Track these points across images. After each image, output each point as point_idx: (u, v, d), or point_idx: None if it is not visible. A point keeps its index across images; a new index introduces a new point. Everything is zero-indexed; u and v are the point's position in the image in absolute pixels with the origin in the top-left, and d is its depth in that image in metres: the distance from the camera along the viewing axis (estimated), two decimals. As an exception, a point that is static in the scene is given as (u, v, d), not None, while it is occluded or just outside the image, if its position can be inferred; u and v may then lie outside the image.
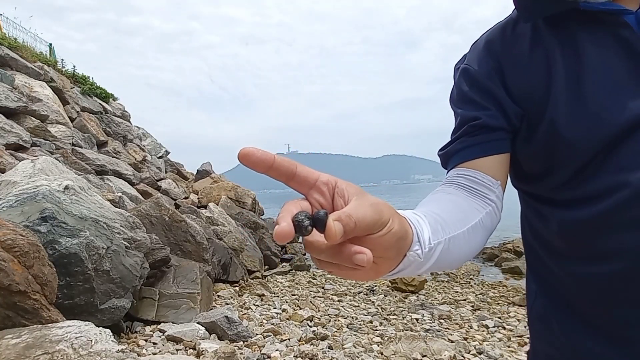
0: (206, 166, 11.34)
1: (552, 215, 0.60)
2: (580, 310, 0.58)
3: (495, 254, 8.65)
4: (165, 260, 4.01)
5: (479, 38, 0.70)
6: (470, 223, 0.56)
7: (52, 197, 2.89)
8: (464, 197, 0.60)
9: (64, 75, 9.40)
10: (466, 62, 0.68)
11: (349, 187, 0.37)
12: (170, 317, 3.49)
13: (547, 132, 0.58)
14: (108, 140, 8.79)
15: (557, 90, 0.57)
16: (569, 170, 0.56)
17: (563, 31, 0.58)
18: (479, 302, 5.24)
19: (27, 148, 5.61)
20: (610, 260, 0.52)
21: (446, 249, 0.49)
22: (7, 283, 2.02)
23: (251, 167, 0.33)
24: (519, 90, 0.61)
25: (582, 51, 0.56)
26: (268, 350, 3.09)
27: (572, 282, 0.58)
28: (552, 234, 0.60)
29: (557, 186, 0.58)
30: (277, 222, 0.32)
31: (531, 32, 0.61)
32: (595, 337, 0.56)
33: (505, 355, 3.27)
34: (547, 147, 0.58)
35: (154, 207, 4.76)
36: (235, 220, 8.11)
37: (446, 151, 0.67)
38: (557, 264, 0.61)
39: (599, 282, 0.54)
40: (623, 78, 0.53)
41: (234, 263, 5.97)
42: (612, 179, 0.52)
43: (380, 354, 3.21)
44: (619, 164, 0.51)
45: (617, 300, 0.53)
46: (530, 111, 0.60)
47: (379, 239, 0.36)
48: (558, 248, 0.60)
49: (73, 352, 1.88)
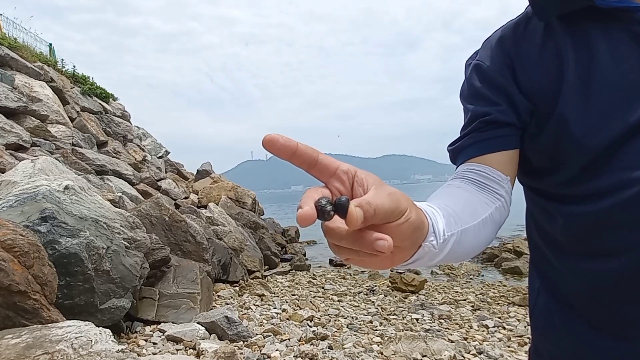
0: (206, 166, 11.34)
1: (558, 212, 0.60)
2: (583, 308, 0.58)
3: (495, 254, 8.65)
4: (165, 260, 4.01)
5: (491, 35, 0.70)
6: (481, 217, 0.56)
7: (52, 197, 2.89)
8: (474, 192, 0.61)
9: (64, 75, 9.40)
10: (478, 57, 0.68)
11: (368, 176, 0.38)
12: (170, 317, 3.49)
13: (555, 128, 0.58)
14: (108, 140, 8.79)
15: (568, 86, 0.57)
16: (576, 167, 0.56)
17: (576, 28, 0.58)
18: (479, 302, 5.23)
19: (27, 148, 5.61)
20: (614, 257, 0.52)
21: (458, 241, 0.50)
22: (7, 283, 2.02)
23: (275, 153, 0.34)
24: (530, 86, 0.61)
25: (595, 48, 0.56)
26: (268, 350, 3.09)
27: (576, 279, 0.58)
28: (558, 230, 0.60)
29: (564, 182, 0.59)
30: (299, 207, 0.32)
31: (544, 29, 0.61)
32: (598, 334, 0.56)
33: (505, 355, 3.26)
34: (555, 144, 0.58)
35: (154, 207, 4.76)
36: (235, 220, 8.12)
37: (456, 146, 0.67)
38: (561, 261, 0.61)
39: (602, 280, 0.54)
40: (633, 77, 0.53)
41: (234, 263, 5.97)
42: (617, 177, 0.52)
43: (380, 354, 3.21)
44: (625, 163, 0.51)
45: (621, 297, 0.53)
46: (540, 107, 0.60)
47: (396, 227, 0.36)
48: (563, 245, 0.60)
49: (73, 352, 1.88)
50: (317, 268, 8.47)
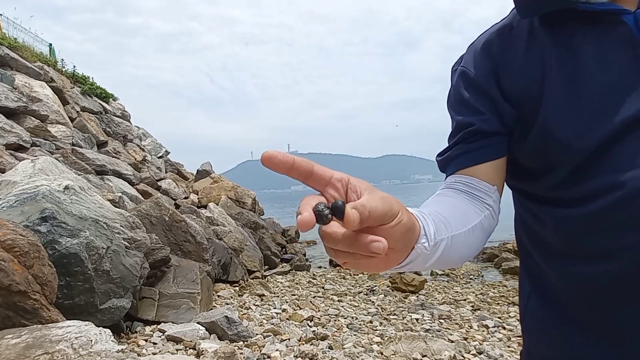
0: (206, 166, 11.34)
1: (548, 215, 0.60)
2: (575, 311, 0.58)
3: (495, 254, 8.64)
4: (165, 260, 4.01)
5: (476, 39, 0.70)
6: (470, 224, 0.58)
7: (52, 197, 2.89)
8: (463, 200, 0.63)
9: (64, 75, 9.40)
10: (463, 63, 0.68)
11: (360, 183, 0.40)
12: (170, 317, 3.49)
13: (540, 133, 0.58)
14: (108, 140, 8.79)
15: (551, 91, 0.57)
16: (564, 170, 0.56)
17: (559, 31, 0.58)
18: (479, 302, 5.23)
19: (27, 148, 5.61)
20: (604, 260, 0.52)
21: (449, 246, 0.52)
22: (7, 283, 2.02)
23: (273, 169, 0.36)
24: (514, 92, 0.61)
25: (578, 51, 0.56)
26: (268, 350, 3.09)
27: (567, 282, 0.58)
28: (548, 234, 0.61)
29: (553, 185, 0.59)
30: (298, 213, 0.34)
31: (527, 34, 0.61)
32: (590, 337, 0.56)
33: (505, 355, 3.26)
34: (541, 148, 0.59)
35: (154, 207, 4.76)
36: (235, 220, 8.12)
37: (443, 158, 0.69)
38: (551, 264, 0.61)
39: (592, 282, 0.54)
40: (618, 79, 0.53)
41: (234, 263, 5.97)
42: (606, 179, 0.52)
43: (380, 354, 3.21)
44: (613, 165, 0.51)
45: (611, 300, 0.53)
46: (524, 112, 0.61)
47: (389, 229, 0.39)
48: (553, 248, 0.60)
49: (73, 352, 1.88)
50: (317, 268, 8.47)
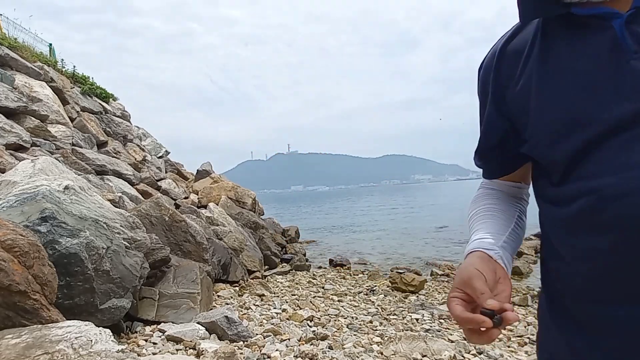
0: (206, 166, 11.33)
1: (542, 213, 0.66)
2: (567, 307, 0.62)
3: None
4: (165, 260, 4.01)
5: (496, 42, 0.71)
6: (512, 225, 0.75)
7: (52, 197, 2.89)
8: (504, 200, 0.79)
9: (64, 75, 9.39)
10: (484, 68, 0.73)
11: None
12: (170, 317, 3.49)
13: (528, 141, 0.64)
14: (108, 140, 8.78)
15: (533, 99, 0.60)
16: (557, 174, 0.61)
17: (548, 39, 0.60)
18: (479, 302, 5.23)
19: (27, 148, 5.61)
20: (581, 260, 0.56)
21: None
22: (7, 283, 2.02)
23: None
24: (516, 105, 0.66)
25: (559, 59, 0.58)
26: (268, 350, 3.09)
27: (562, 278, 0.63)
28: (543, 230, 0.67)
29: (545, 186, 0.64)
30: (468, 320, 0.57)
31: (529, 45, 0.63)
32: (583, 334, 0.59)
33: (505, 355, 3.26)
34: (532, 154, 0.66)
35: (154, 207, 4.76)
36: (235, 220, 8.12)
37: (479, 165, 0.83)
38: (548, 261, 0.67)
39: (574, 280, 0.59)
40: (598, 86, 0.53)
41: (234, 263, 5.97)
42: (583, 184, 0.55)
43: (380, 354, 3.21)
44: (591, 170, 0.54)
45: (587, 298, 0.57)
46: (521, 123, 0.66)
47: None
48: (550, 245, 0.65)
49: (73, 352, 1.88)
50: (317, 268, 8.47)
